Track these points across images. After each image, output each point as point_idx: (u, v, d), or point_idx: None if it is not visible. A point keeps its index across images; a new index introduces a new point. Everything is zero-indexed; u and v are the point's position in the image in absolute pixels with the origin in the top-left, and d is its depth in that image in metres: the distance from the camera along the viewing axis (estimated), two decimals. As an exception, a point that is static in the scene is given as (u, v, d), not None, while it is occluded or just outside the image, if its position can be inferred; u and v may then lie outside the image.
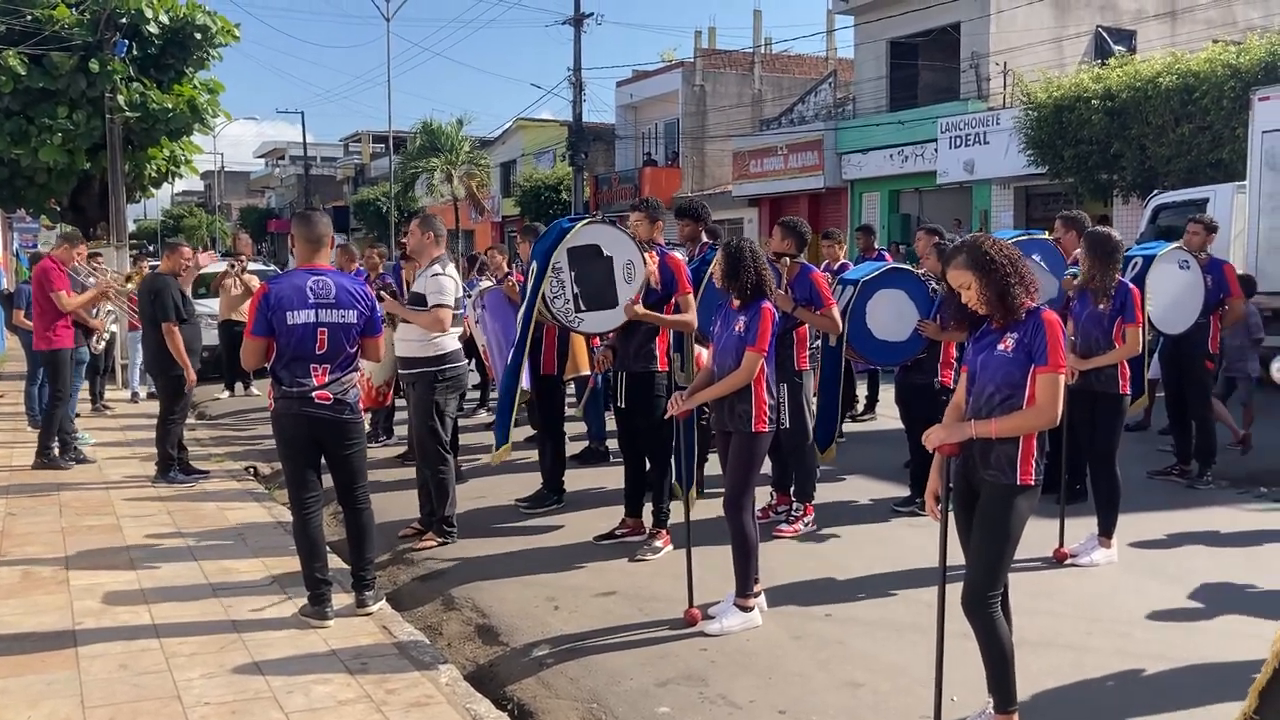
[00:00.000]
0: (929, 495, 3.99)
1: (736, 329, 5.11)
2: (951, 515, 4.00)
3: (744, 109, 33.40)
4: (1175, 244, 7.74)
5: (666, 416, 5.51)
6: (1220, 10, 24.22)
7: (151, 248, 45.01)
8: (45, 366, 9.24)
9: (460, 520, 7.14)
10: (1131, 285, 6.28)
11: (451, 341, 6.66)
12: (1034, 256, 6.98)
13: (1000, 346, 3.76)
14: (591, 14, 30.62)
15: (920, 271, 7.25)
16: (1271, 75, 14.37)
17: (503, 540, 6.74)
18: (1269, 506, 7.32)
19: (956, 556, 3.83)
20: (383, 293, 6.43)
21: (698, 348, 6.56)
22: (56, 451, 9.12)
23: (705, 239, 7.16)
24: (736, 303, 5.17)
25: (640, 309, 6.09)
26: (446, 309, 6.36)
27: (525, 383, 7.58)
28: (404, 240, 7.27)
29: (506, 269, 9.90)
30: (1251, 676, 4.44)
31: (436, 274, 6.42)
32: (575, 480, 7.94)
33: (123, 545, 6.64)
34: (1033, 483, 3.74)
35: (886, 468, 8.26)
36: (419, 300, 6.43)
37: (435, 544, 6.69)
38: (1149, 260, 7.33)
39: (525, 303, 6.43)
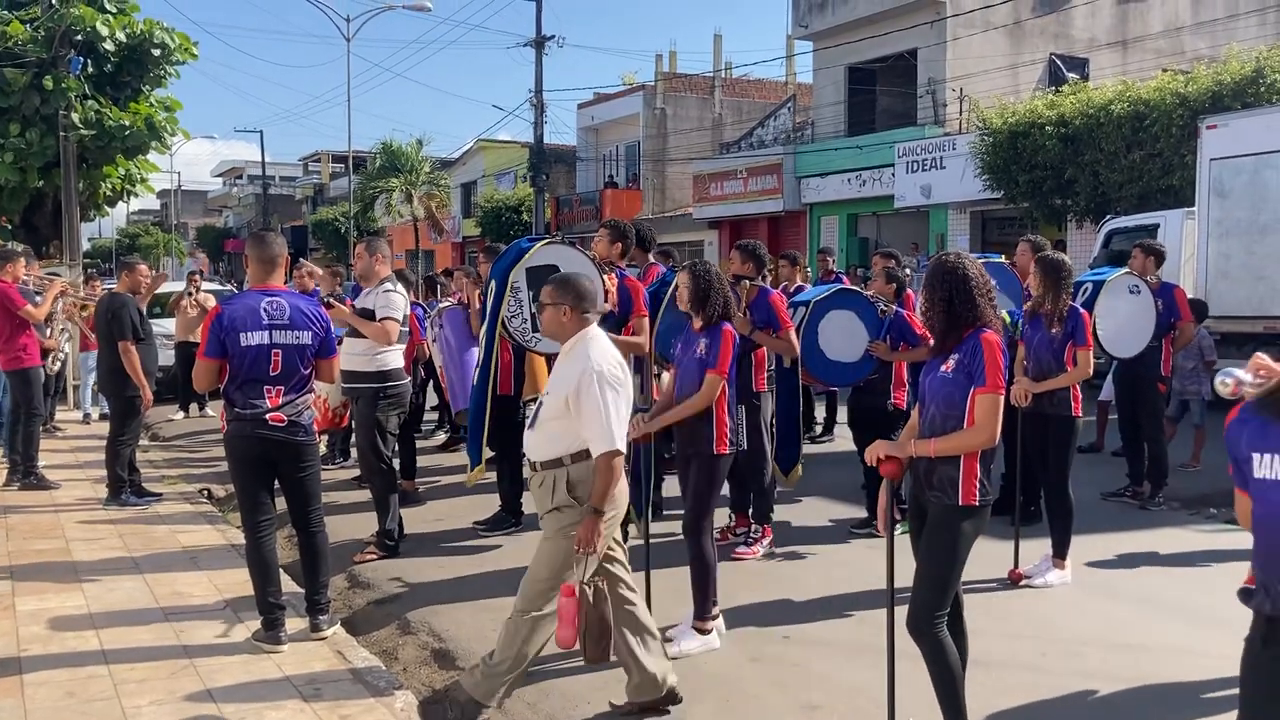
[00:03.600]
0: (880, 511, 4.02)
1: (698, 351, 5.11)
2: (907, 536, 4.03)
3: (704, 132, 33.65)
4: (1124, 269, 7.87)
5: (628, 440, 5.50)
6: (1169, 40, 24.79)
7: (107, 266, 44.42)
8: (16, 386, 9.14)
9: (417, 542, 7.11)
10: (1081, 309, 6.38)
11: (395, 359, 6.73)
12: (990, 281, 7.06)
13: (943, 368, 3.82)
14: (553, 36, 30.70)
15: (869, 293, 7.33)
16: (1218, 104, 14.70)
17: (460, 563, 6.69)
18: (1220, 527, 7.42)
19: (909, 577, 3.85)
20: (330, 299, 6.48)
21: (665, 374, 6.57)
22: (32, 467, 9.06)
23: (651, 261, 7.29)
24: (698, 325, 5.18)
25: None
26: (394, 322, 6.47)
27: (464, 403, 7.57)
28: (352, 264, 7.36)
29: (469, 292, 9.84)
30: (1202, 696, 4.52)
31: (388, 290, 6.56)
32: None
33: (72, 569, 6.51)
34: (976, 504, 3.77)
35: (844, 489, 8.30)
36: (367, 315, 6.52)
37: (376, 557, 6.76)
38: (1099, 286, 7.44)
39: (486, 323, 6.44)
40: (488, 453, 7.03)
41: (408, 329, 6.86)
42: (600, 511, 4.05)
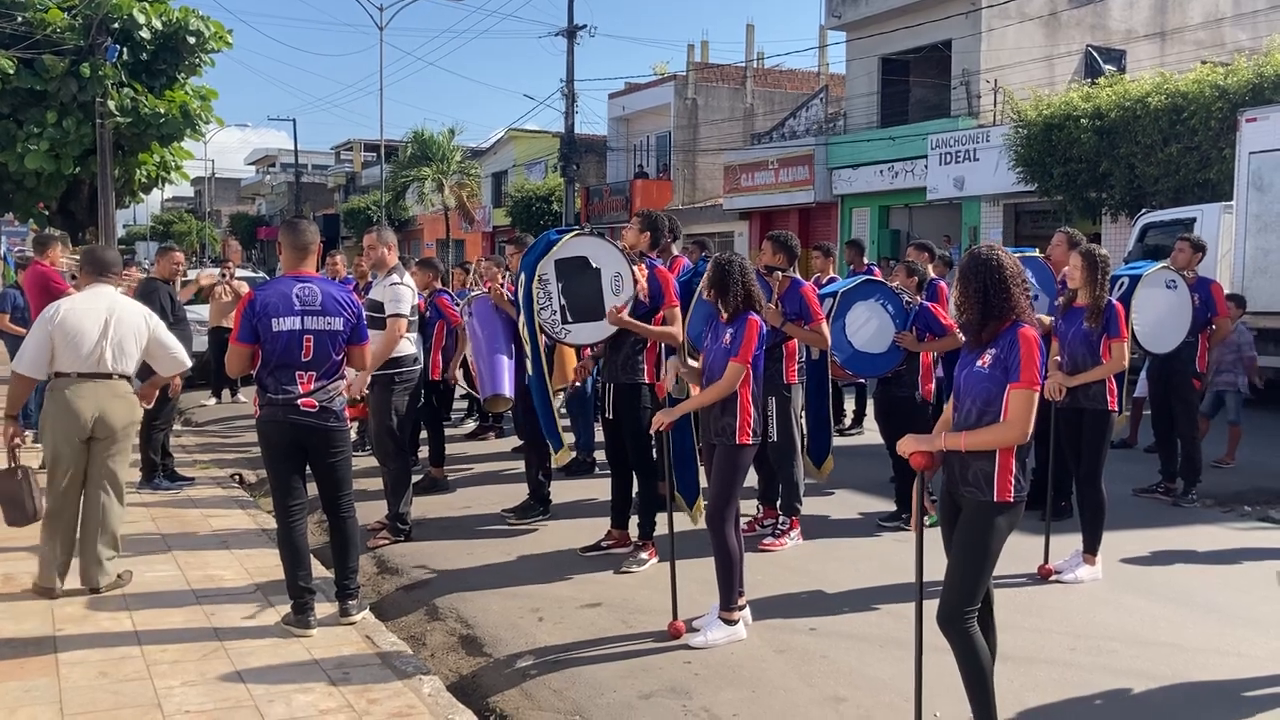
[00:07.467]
0: (913, 506, 4.00)
1: (724, 342, 5.12)
2: (936, 529, 4.01)
3: (735, 123, 33.54)
4: (1161, 264, 7.77)
5: (651, 431, 5.52)
6: (1209, 32, 24.44)
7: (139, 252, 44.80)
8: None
9: (446, 529, 7.16)
10: (1116, 302, 6.32)
11: (407, 346, 6.85)
12: (1026, 273, 6.99)
13: (979, 363, 3.79)
14: (584, 26, 30.72)
15: (894, 284, 7.29)
16: (1259, 97, 14.49)
17: (488, 551, 6.72)
18: (1253, 525, 7.34)
19: (938, 572, 3.83)
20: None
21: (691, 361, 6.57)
22: None
23: (676, 253, 7.29)
24: (725, 316, 5.18)
25: (625, 316, 6.09)
26: (402, 318, 6.57)
27: (509, 390, 7.58)
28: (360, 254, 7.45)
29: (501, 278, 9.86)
30: (1234, 695, 4.48)
31: (395, 283, 6.64)
32: (561, 491, 7.93)
33: (105, 551, 6.58)
34: (1011, 500, 3.74)
35: (873, 482, 8.27)
36: (377, 307, 6.58)
37: (390, 541, 6.86)
38: (1135, 280, 7.37)
39: (523, 315, 6.45)
40: (569, 438, 7.09)
41: (423, 316, 6.93)
42: (8, 416, 5.56)
